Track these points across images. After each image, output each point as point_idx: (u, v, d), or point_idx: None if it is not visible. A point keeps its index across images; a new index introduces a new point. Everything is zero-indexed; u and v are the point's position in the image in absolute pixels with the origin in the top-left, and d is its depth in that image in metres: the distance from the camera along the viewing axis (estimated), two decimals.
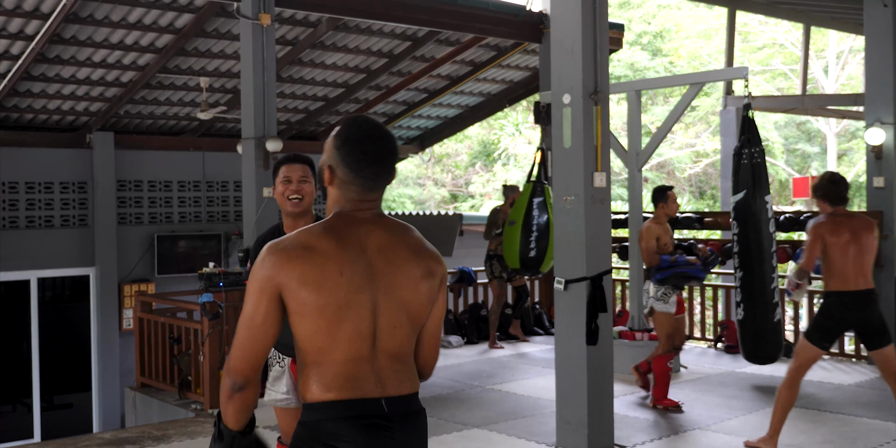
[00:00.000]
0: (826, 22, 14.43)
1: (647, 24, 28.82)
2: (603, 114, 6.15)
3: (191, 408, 7.97)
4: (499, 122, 27.18)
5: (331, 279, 2.51)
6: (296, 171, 4.32)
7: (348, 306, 2.52)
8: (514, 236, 9.83)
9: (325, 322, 2.51)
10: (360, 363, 2.54)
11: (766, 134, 25.96)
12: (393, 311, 2.58)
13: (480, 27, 11.46)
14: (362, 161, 2.60)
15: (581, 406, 6.09)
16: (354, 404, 2.51)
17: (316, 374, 2.53)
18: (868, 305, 5.91)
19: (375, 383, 2.54)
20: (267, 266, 2.52)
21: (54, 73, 10.76)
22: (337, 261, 2.53)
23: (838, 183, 6.05)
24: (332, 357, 2.52)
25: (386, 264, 2.58)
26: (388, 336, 2.57)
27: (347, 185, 2.61)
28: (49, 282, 11.94)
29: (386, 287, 2.58)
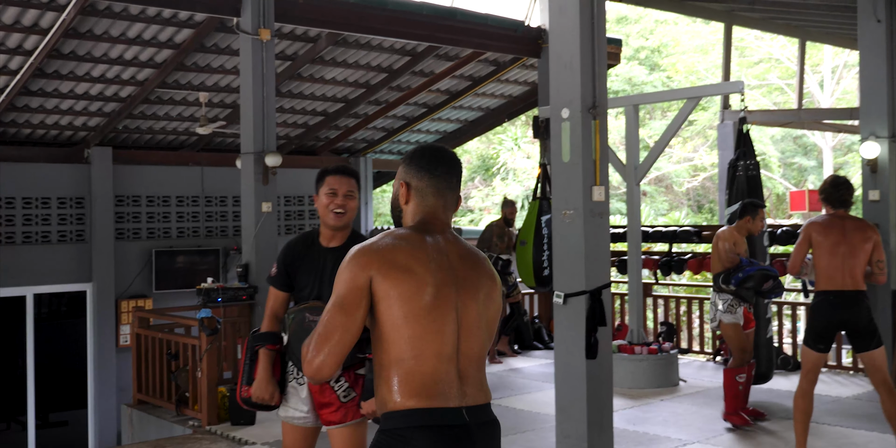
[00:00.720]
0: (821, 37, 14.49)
1: (644, 39, 28.94)
2: (601, 128, 6.16)
3: (188, 424, 7.94)
4: (498, 137, 27.22)
5: (422, 264, 2.57)
6: (343, 185, 4.20)
7: (436, 297, 2.56)
8: (527, 256, 9.86)
9: (415, 309, 2.54)
10: (447, 363, 2.56)
11: (763, 148, 26.02)
12: (473, 312, 2.64)
13: (479, 42, 11.51)
14: (433, 161, 2.77)
15: (581, 420, 6.07)
16: (439, 413, 2.53)
17: (402, 375, 2.54)
18: (854, 306, 5.93)
19: (458, 390, 2.58)
20: (357, 259, 2.59)
21: (53, 88, 10.78)
22: (427, 252, 2.62)
23: (840, 186, 6.10)
24: (424, 350, 2.54)
25: (467, 269, 2.67)
26: (468, 337, 2.62)
27: (423, 191, 2.75)
28: (46, 298, 11.92)
29: (468, 288, 2.64)
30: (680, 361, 9.70)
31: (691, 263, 10.20)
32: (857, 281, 5.97)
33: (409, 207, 2.76)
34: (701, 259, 10.19)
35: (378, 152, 15.36)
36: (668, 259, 10.36)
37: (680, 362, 9.64)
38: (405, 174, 2.78)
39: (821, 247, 6.00)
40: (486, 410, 2.67)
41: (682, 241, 10.40)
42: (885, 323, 8.97)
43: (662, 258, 10.43)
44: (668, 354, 8.98)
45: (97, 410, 11.84)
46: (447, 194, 2.77)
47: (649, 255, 10.58)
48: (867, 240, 5.99)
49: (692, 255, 10.37)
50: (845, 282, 5.95)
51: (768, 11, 12.62)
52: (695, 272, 10.42)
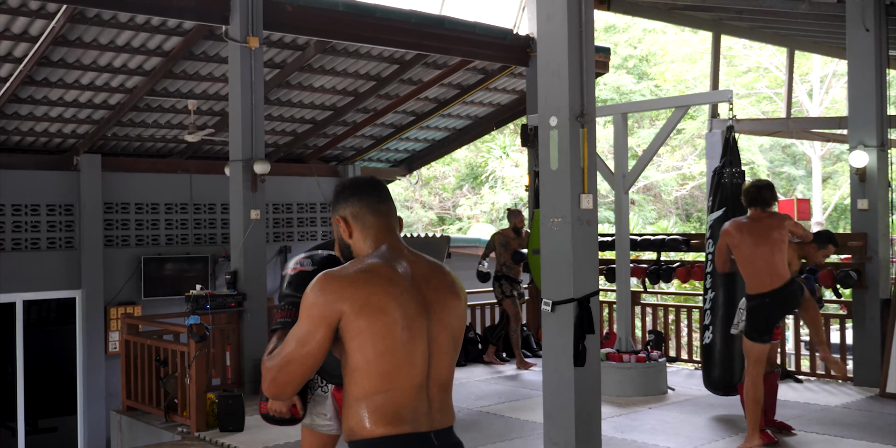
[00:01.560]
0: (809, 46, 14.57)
1: (632, 47, 29.04)
2: (589, 136, 6.19)
3: (177, 431, 7.92)
4: (486, 145, 27.27)
5: (394, 300, 2.56)
6: None
7: (409, 329, 2.57)
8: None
9: (390, 343, 2.54)
10: (419, 392, 2.59)
11: (752, 157, 26.12)
12: (443, 337, 2.67)
13: (467, 50, 11.55)
14: (355, 188, 2.78)
15: (569, 428, 6.08)
16: (409, 439, 2.56)
17: (374, 405, 2.56)
18: (789, 298, 6.28)
19: (427, 416, 2.61)
20: (328, 291, 2.54)
21: (42, 96, 10.77)
22: (396, 285, 2.60)
23: (760, 187, 6.43)
24: (397, 383, 2.56)
25: (433, 292, 2.67)
26: (439, 363, 2.65)
27: (359, 214, 2.75)
28: (35, 304, 11.88)
29: (437, 313, 2.66)
30: (668, 370, 9.73)
31: (679, 272, 10.22)
32: (782, 276, 6.27)
33: (356, 238, 2.76)
34: (689, 267, 10.21)
35: (366, 160, 15.37)
36: (657, 267, 10.39)
37: (668, 371, 9.66)
38: (337, 211, 2.79)
39: (740, 251, 6.32)
40: (451, 433, 2.70)
41: (671, 250, 10.42)
42: (873, 331, 9.03)
43: (651, 267, 10.46)
44: (657, 363, 9.00)
45: (86, 417, 11.81)
46: (384, 209, 2.78)
47: (637, 264, 10.60)
48: (780, 228, 6.28)
49: (680, 264, 10.40)
50: (773, 281, 6.26)
51: (756, 21, 12.69)
52: (683, 281, 10.44)
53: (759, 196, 6.40)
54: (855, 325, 9.25)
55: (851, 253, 9.27)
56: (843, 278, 8.98)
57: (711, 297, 8.08)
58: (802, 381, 9.48)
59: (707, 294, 8.14)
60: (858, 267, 9.07)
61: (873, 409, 8.12)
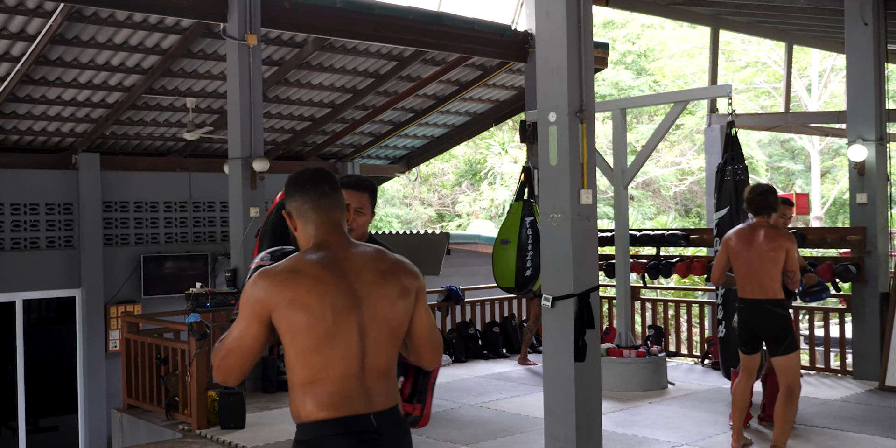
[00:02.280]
0: (808, 40, 14.57)
1: (631, 43, 29.03)
2: (588, 131, 6.20)
3: (178, 428, 7.93)
4: (485, 142, 27.26)
5: (318, 299, 2.70)
6: (353, 200, 3.85)
7: (337, 325, 2.71)
8: (509, 256, 9.85)
9: (316, 339, 2.69)
10: (352, 381, 2.73)
11: (750, 152, 26.12)
12: (377, 330, 2.78)
13: (466, 47, 11.54)
14: (298, 183, 2.90)
15: (569, 423, 6.09)
16: (348, 421, 2.71)
17: (311, 393, 2.72)
18: (761, 313, 6.14)
19: (364, 400, 2.75)
20: (259, 289, 2.72)
21: (40, 95, 10.77)
22: (323, 283, 2.73)
23: (760, 194, 6.28)
24: (326, 374, 2.71)
25: (366, 286, 2.78)
26: (374, 353, 2.77)
27: (305, 212, 2.87)
28: (35, 304, 11.89)
29: (368, 308, 2.77)
30: (668, 364, 9.73)
31: (679, 267, 10.22)
32: (766, 289, 6.14)
33: (299, 232, 2.90)
34: (689, 262, 10.22)
35: (365, 157, 15.38)
36: (656, 263, 10.40)
37: (668, 365, 9.67)
38: (286, 205, 2.92)
39: (735, 256, 6.28)
40: (394, 413, 2.82)
41: (670, 245, 10.42)
42: (872, 325, 9.03)
43: (650, 262, 10.46)
44: (657, 357, 9.02)
45: (87, 415, 11.82)
46: (324, 203, 2.87)
47: (637, 259, 10.60)
48: (778, 249, 6.14)
49: (680, 259, 10.40)
50: (754, 290, 6.19)
51: (755, 15, 12.69)
52: (682, 276, 10.44)
53: (766, 203, 6.25)
54: (854, 319, 9.26)
55: (850, 247, 9.28)
56: (842, 272, 8.98)
57: (723, 292, 8.10)
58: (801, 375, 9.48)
59: (719, 289, 8.16)
60: (857, 261, 9.07)
61: (872, 403, 8.13)
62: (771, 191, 6.32)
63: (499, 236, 10.16)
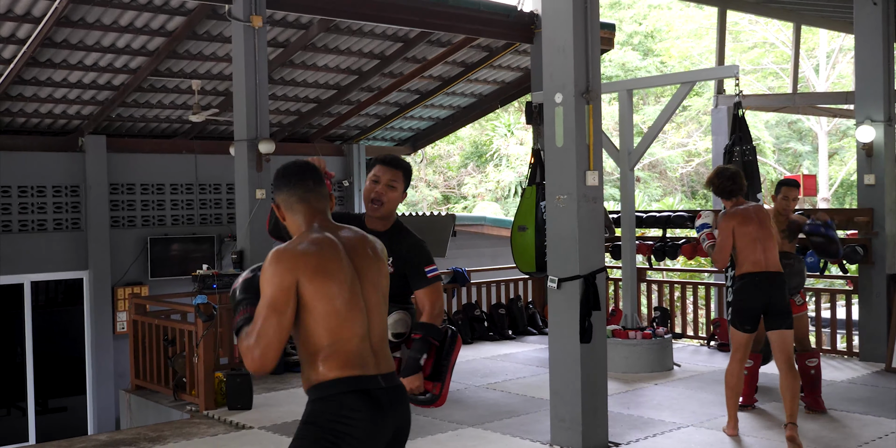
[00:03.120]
0: (816, 21, 14.47)
1: (638, 24, 28.89)
2: (595, 113, 6.18)
3: (186, 409, 7.97)
4: (491, 123, 27.20)
5: (338, 267, 3.00)
6: (386, 174, 4.23)
7: (351, 291, 3.02)
8: (528, 241, 9.82)
9: (338, 304, 2.96)
10: (364, 342, 3.02)
11: (758, 133, 26.03)
12: (375, 297, 3.12)
13: (471, 28, 11.49)
14: (283, 177, 3.17)
15: (575, 404, 6.12)
16: (362, 380, 2.98)
17: (327, 355, 2.96)
18: (778, 286, 6.23)
19: (374, 361, 3.04)
20: (282, 264, 2.93)
21: (46, 77, 10.76)
22: (336, 254, 3.03)
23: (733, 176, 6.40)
24: (344, 335, 2.98)
25: (361, 259, 3.12)
26: (375, 318, 3.10)
27: (292, 204, 3.14)
28: (43, 285, 11.93)
29: (367, 277, 3.10)
30: (674, 346, 9.75)
31: (685, 249, 10.21)
32: (777, 264, 6.29)
33: (289, 221, 3.16)
34: (695, 244, 10.19)
35: (371, 139, 15.36)
36: (662, 244, 10.38)
37: (674, 347, 9.68)
38: (274, 197, 3.19)
39: (742, 235, 6.29)
40: (395, 377, 3.12)
41: (676, 227, 10.40)
42: (880, 306, 9.03)
43: (656, 243, 10.45)
44: (662, 339, 9.03)
45: (96, 396, 11.90)
46: (310, 196, 3.14)
47: (643, 241, 10.60)
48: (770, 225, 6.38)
49: (686, 241, 10.38)
50: (769, 264, 6.25)
51: None
52: (689, 257, 10.43)
53: (735, 186, 6.36)
54: (861, 301, 9.25)
55: (858, 228, 9.25)
56: (849, 254, 8.96)
57: (732, 274, 8.06)
58: None
59: (727, 272, 8.14)
60: (865, 242, 9.05)
61: (879, 384, 8.14)
62: (738, 174, 6.44)
63: (515, 222, 10.15)
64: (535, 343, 10.84)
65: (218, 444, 6.76)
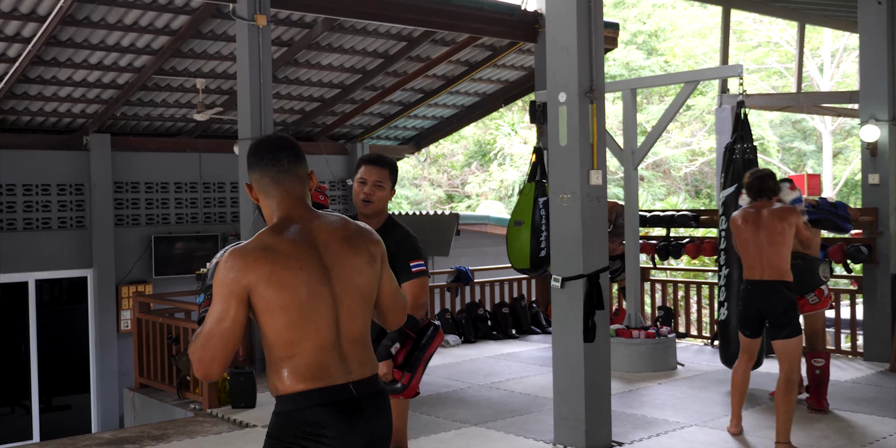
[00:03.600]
0: (820, 20, 14.46)
1: (642, 23, 28.87)
2: (598, 112, 6.18)
3: (189, 407, 7.99)
4: (494, 123, 27.20)
5: (293, 275, 2.71)
6: (372, 174, 4.33)
7: (312, 298, 2.73)
8: (523, 237, 9.84)
9: (293, 315, 2.70)
10: (329, 351, 2.76)
11: (762, 132, 26.01)
12: (349, 298, 2.82)
13: (475, 27, 11.48)
14: (256, 154, 2.88)
15: (578, 403, 6.12)
16: (326, 391, 2.74)
17: (288, 367, 2.73)
18: (771, 295, 6.04)
19: (342, 369, 2.78)
20: (234, 269, 2.69)
21: (51, 76, 10.77)
22: (296, 258, 2.74)
23: (758, 178, 6.30)
24: (303, 348, 2.73)
25: (334, 256, 2.81)
26: (348, 322, 2.81)
27: (265, 186, 2.87)
28: (47, 284, 11.95)
29: (339, 277, 2.80)
30: (678, 346, 9.75)
31: (689, 248, 10.22)
32: (777, 270, 6.06)
33: (263, 204, 2.89)
34: (699, 243, 10.20)
35: (375, 138, 15.36)
36: (666, 244, 10.38)
37: (678, 346, 9.69)
38: (249, 175, 2.91)
39: (740, 238, 6.22)
40: (373, 382, 2.85)
41: (680, 226, 10.40)
42: (884, 306, 9.02)
43: (660, 243, 10.45)
44: (666, 339, 9.03)
45: (100, 394, 11.92)
46: (284, 178, 2.86)
47: (647, 240, 10.60)
48: (789, 226, 6.09)
49: (690, 240, 10.39)
50: (763, 272, 6.09)
51: None
52: (692, 257, 10.43)
53: (764, 187, 6.24)
54: (865, 301, 9.25)
55: (862, 228, 9.24)
56: (853, 253, 8.96)
57: (726, 273, 8.09)
58: None
59: (721, 270, 8.15)
60: (869, 242, 9.05)
61: (883, 384, 8.13)
62: (769, 175, 6.29)
63: (512, 218, 10.14)
64: (539, 342, 10.85)
65: (222, 442, 6.77)
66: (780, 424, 5.94)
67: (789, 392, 5.91)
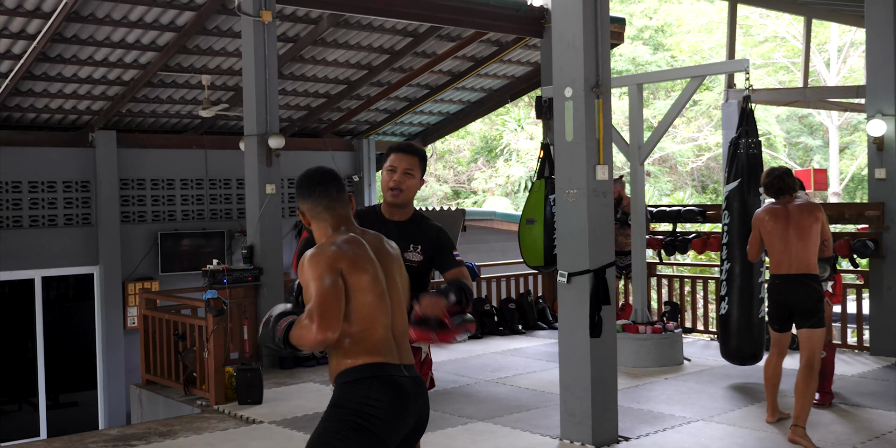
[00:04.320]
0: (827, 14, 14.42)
1: (648, 18, 28.81)
2: (605, 107, 6.17)
3: (196, 404, 8.00)
4: (501, 118, 27.17)
5: (371, 263, 3.21)
6: (402, 162, 4.23)
7: (379, 285, 3.21)
8: (536, 235, 9.82)
9: (371, 296, 3.16)
10: (387, 333, 3.21)
11: (769, 127, 25.96)
12: (396, 293, 3.32)
13: (481, 22, 11.46)
14: (314, 185, 3.33)
15: (585, 398, 6.11)
16: (389, 367, 3.18)
17: (356, 343, 3.15)
18: (800, 288, 6.15)
19: (396, 352, 3.24)
20: (323, 258, 3.11)
21: (56, 72, 10.78)
22: (366, 251, 3.25)
23: (777, 177, 6.33)
24: (372, 324, 3.16)
25: (384, 257, 3.32)
26: (397, 311, 3.29)
27: (318, 213, 3.32)
28: (53, 281, 11.97)
29: (389, 273, 3.31)
30: (684, 341, 9.73)
31: (695, 243, 10.20)
32: (804, 264, 6.17)
33: (316, 228, 3.34)
34: (705, 239, 10.19)
35: (381, 134, 15.35)
36: (672, 239, 10.37)
37: (684, 341, 9.67)
38: (298, 202, 3.37)
39: (770, 234, 6.27)
40: (415, 369, 3.31)
41: (687, 221, 10.38)
42: (890, 300, 9.00)
43: (666, 238, 10.44)
44: (673, 334, 9.01)
45: (106, 391, 11.94)
46: (335, 205, 3.32)
47: (653, 235, 10.58)
48: (815, 221, 6.19)
49: (696, 235, 10.37)
50: (791, 266, 6.18)
51: None
52: (699, 252, 10.41)
53: (784, 185, 6.29)
54: (872, 295, 9.22)
55: (868, 223, 9.22)
56: (859, 248, 8.94)
57: (727, 268, 8.08)
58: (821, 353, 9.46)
59: (723, 265, 8.14)
60: (875, 237, 9.02)
61: (890, 379, 8.11)
62: (788, 173, 6.36)
63: (523, 216, 10.15)
64: (545, 338, 10.84)
65: (228, 438, 6.78)
66: (798, 409, 6.06)
67: (810, 378, 6.06)
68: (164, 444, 6.64)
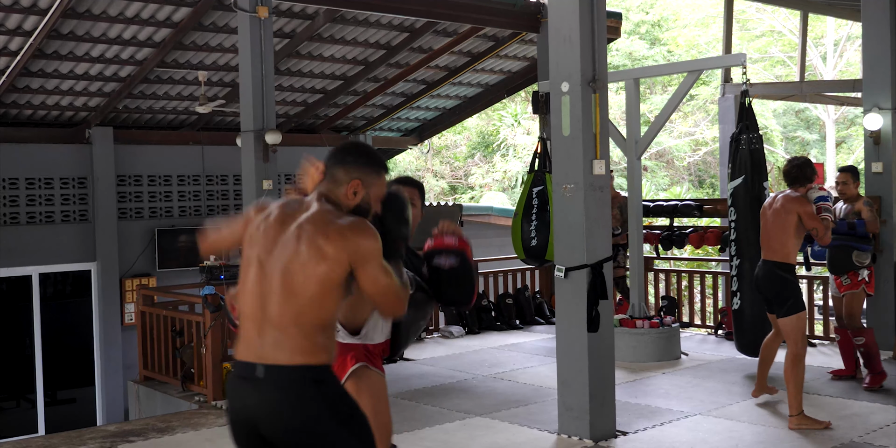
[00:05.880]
0: (824, 8, 14.43)
1: (645, 13, 28.80)
2: (601, 101, 6.17)
3: (194, 400, 8.00)
4: (497, 113, 27.15)
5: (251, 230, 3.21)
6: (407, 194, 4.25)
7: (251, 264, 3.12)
8: (516, 226, 9.87)
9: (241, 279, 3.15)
10: (249, 323, 3.06)
11: (765, 122, 25.96)
12: (276, 278, 3.03)
13: (477, 17, 11.45)
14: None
15: (583, 393, 6.12)
16: (238, 365, 3.04)
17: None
18: (764, 274, 6.41)
19: (256, 348, 3.00)
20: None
21: (52, 69, 10.77)
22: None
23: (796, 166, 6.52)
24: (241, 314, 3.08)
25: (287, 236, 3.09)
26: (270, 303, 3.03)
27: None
28: (51, 277, 11.97)
29: (276, 256, 3.13)
30: (681, 335, 9.74)
31: (692, 238, 10.21)
32: (774, 252, 6.39)
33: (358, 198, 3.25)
34: (702, 233, 10.19)
35: (377, 129, 15.34)
36: (669, 233, 10.38)
37: (681, 336, 9.68)
38: (363, 181, 3.20)
39: (762, 221, 6.61)
40: (287, 371, 2.86)
41: (684, 216, 10.39)
42: (888, 294, 9.01)
43: (663, 233, 10.44)
44: (670, 328, 9.02)
45: (104, 387, 11.94)
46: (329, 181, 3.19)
47: (650, 230, 10.58)
48: (787, 213, 6.34)
49: (693, 230, 10.38)
50: (765, 252, 6.47)
51: None
52: (696, 246, 10.42)
53: (801, 175, 6.45)
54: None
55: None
56: None
57: (737, 264, 8.09)
58: (816, 345, 9.49)
59: (733, 261, 8.15)
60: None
61: (888, 372, 8.11)
62: (807, 163, 6.52)
63: (515, 210, 10.22)
64: (543, 333, 10.85)
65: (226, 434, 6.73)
66: (789, 398, 6.28)
67: (795, 367, 6.24)
68: (163, 439, 6.64)
